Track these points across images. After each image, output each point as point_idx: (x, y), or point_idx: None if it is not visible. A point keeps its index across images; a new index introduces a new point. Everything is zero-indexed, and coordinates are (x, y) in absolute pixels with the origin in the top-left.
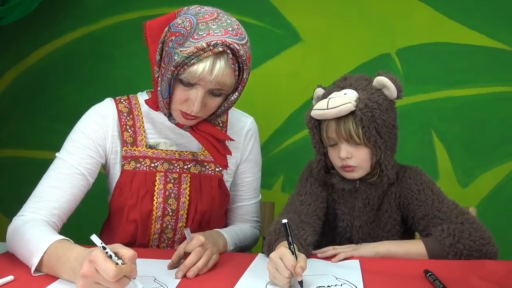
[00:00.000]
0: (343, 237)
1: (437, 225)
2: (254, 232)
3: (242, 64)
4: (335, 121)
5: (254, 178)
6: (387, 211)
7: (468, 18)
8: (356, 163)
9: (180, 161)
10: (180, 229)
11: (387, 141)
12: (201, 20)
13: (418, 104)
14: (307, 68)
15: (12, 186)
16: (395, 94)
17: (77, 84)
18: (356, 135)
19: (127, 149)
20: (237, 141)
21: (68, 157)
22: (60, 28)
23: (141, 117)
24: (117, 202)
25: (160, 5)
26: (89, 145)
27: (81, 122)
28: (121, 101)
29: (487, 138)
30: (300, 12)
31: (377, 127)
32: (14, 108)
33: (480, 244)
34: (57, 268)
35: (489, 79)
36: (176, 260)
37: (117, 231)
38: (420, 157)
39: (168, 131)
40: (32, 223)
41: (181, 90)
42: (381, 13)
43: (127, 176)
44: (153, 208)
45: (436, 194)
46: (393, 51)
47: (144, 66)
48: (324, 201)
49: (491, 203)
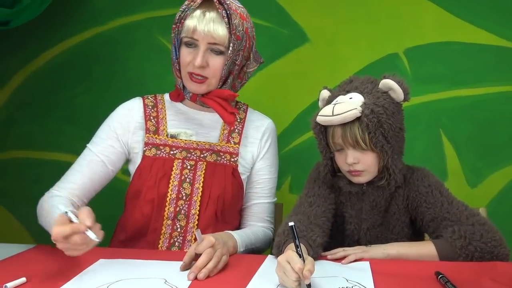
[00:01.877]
0: (351, 240)
1: (447, 227)
2: (267, 233)
3: (228, 10)
4: (341, 127)
5: (270, 177)
6: (395, 213)
7: (476, 17)
8: (363, 168)
9: (197, 150)
10: (193, 216)
11: (394, 146)
12: None
13: (426, 103)
14: (315, 68)
15: (22, 187)
16: (402, 96)
17: (86, 85)
18: (362, 141)
19: (149, 137)
20: (255, 137)
21: (91, 146)
22: (69, 30)
23: (165, 110)
24: (136, 184)
25: (168, 6)
26: (110, 136)
27: (109, 116)
28: (148, 98)
29: (496, 138)
30: (307, 12)
31: (384, 132)
32: (24, 109)
33: (491, 246)
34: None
35: (498, 78)
36: (188, 261)
37: (132, 215)
38: (428, 157)
39: (189, 122)
40: (54, 198)
41: (186, 52)
42: (389, 13)
43: (147, 161)
44: (168, 191)
45: (445, 195)
46: (401, 50)
47: (153, 67)
48: (333, 202)
49: (500, 203)
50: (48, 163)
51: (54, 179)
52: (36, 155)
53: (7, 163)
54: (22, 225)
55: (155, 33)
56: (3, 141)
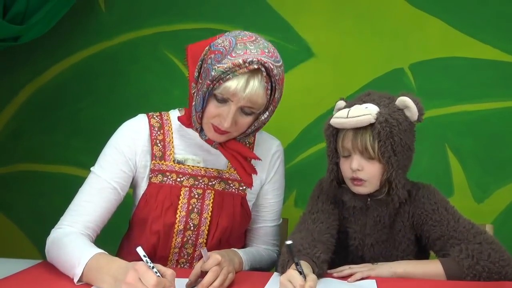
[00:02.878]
0: (355, 256)
1: (454, 245)
2: (271, 255)
3: (275, 83)
4: (353, 132)
5: (276, 200)
6: (401, 231)
7: (481, 33)
8: (366, 177)
9: (205, 178)
10: (200, 245)
11: (400, 160)
12: (240, 41)
13: (431, 118)
14: (320, 83)
15: (28, 200)
16: (416, 116)
17: (93, 99)
18: (371, 148)
19: (155, 163)
20: (263, 161)
21: (101, 171)
22: (76, 45)
23: (171, 133)
24: (141, 213)
25: (175, 22)
26: (121, 160)
27: (114, 137)
28: (153, 117)
29: (502, 153)
30: (313, 27)
31: (393, 144)
32: (31, 123)
33: (499, 266)
34: (96, 279)
35: (503, 93)
36: (194, 279)
37: (138, 243)
38: (434, 172)
39: (196, 148)
40: (73, 236)
41: (214, 106)
42: (394, 28)
43: (153, 188)
44: (176, 221)
45: (451, 213)
46: (406, 65)
47: (159, 82)
48: (336, 218)
49: (507, 218)
50: (54, 176)
51: (60, 192)
52: (42, 168)
53: (14, 176)
54: (28, 238)
55: (162, 48)
56: (10, 154)
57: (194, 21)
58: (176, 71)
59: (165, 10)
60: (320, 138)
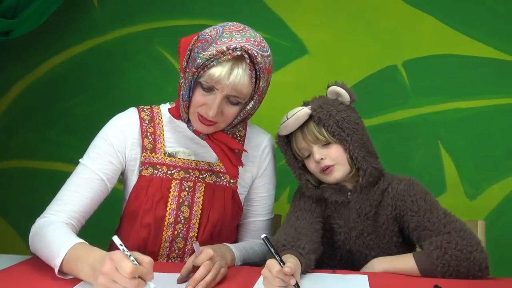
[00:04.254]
0: (343, 250)
1: (427, 237)
2: (264, 249)
3: (259, 71)
4: (299, 131)
5: (268, 194)
6: (384, 223)
7: (475, 30)
8: (333, 161)
9: (196, 170)
10: (191, 239)
11: (351, 135)
12: (226, 30)
13: (424, 116)
14: (314, 80)
15: (20, 196)
16: (349, 98)
17: (86, 96)
18: (320, 134)
19: (146, 155)
20: (254, 155)
21: (89, 162)
22: (69, 41)
23: (162, 126)
24: (132, 206)
25: (166, 18)
26: (109, 152)
27: (104, 129)
28: (144, 110)
29: (495, 150)
30: (307, 24)
31: (337, 122)
32: (23, 119)
33: (467, 252)
34: (75, 268)
35: (496, 91)
36: (185, 274)
37: (128, 237)
38: (427, 169)
39: (187, 140)
40: (54, 225)
41: (200, 95)
42: (388, 25)
43: (144, 181)
44: (166, 214)
45: (429, 203)
46: (399, 63)
47: (153, 79)
48: (320, 216)
49: (499, 215)
50: (47, 172)
51: (52, 189)
52: (34, 165)
53: (6, 172)
54: (20, 235)
55: (155, 44)
56: (2, 151)
57: (188, 18)
58: (170, 67)
59: (159, 6)
60: None
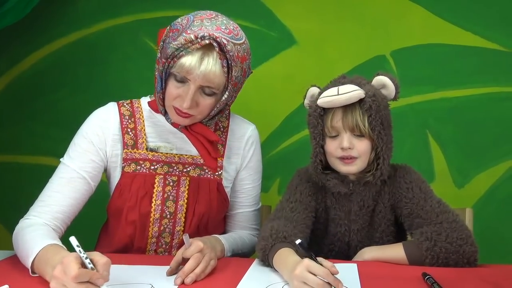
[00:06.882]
0: (342, 242)
1: (419, 225)
2: (252, 239)
3: (230, 60)
4: (342, 110)
5: (253, 185)
6: (381, 212)
7: (462, 20)
8: (357, 154)
9: (180, 164)
10: (178, 233)
11: (388, 135)
12: (197, 18)
13: (413, 105)
14: (302, 70)
15: (7, 191)
16: (393, 94)
17: (72, 88)
18: (362, 124)
19: (127, 152)
20: (238, 147)
21: (70, 161)
22: (54, 33)
23: (143, 120)
24: (116, 203)
25: (153, 9)
26: (90, 149)
27: (83, 126)
28: (124, 105)
29: (482, 139)
30: (295, 14)
31: (382, 118)
32: (8, 113)
33: (457, 245)
34: (43, 270)
35: (483, 79)
36: (175, 266)
37: (115, 234)
38: (415, 158)
39: (169, 134)
40: (33, 227)
41: (174, 86)
42: (376, 15)
43: (127, 178)
44: (151, 210)
45: (423, 192)
46: (387, 52)
47: (139, 70)
48: (313, 211)
49: (487, 203)
50: (33, 167)
51: (38, 184)
52: (20, 159)
53: None
54: (7, 230)
55: (142, 36)
56: None
57: (174, 8)
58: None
59: None
60: (303, 125)
